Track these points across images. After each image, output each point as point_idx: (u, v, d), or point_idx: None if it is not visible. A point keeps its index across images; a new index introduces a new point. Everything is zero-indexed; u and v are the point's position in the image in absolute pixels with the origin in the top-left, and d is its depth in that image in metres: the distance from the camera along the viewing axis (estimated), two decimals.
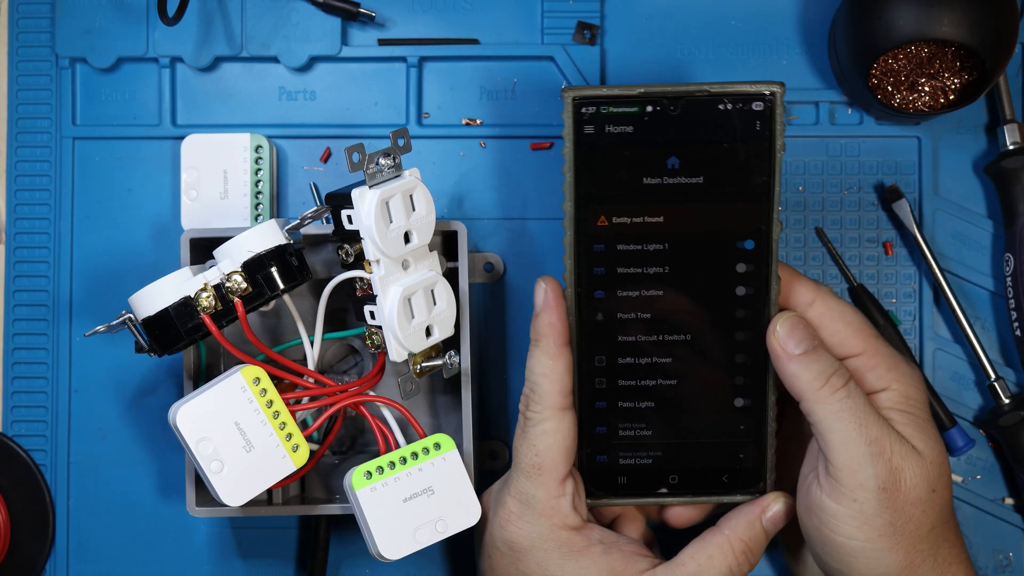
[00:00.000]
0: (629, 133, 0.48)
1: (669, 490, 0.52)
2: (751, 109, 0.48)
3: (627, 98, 0.48)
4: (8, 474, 0.61)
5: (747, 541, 0.50)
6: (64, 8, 0.62)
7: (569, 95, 0.48)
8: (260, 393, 0.50)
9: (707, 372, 0.51)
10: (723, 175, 0.49)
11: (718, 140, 0.48)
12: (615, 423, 0.52)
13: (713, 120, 0.48)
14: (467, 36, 0.62)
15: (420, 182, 0.51)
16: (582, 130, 0.49)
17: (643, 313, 0.50)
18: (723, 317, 0.50)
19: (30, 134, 0.62)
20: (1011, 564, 0.61)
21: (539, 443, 0.50)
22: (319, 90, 0.62)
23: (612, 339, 0.51)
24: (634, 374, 0.51)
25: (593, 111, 0.48)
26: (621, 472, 0.52)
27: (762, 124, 0.48)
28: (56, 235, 0.62)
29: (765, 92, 0.48)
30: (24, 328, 0.62)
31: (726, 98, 0.48)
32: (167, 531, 0.61)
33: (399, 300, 0.51)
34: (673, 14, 0.62)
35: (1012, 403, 0.59)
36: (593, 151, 0.49)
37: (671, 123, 0.48)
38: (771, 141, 0.48)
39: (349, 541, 0.61)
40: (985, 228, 0.61)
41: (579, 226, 0.50)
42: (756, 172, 0.49)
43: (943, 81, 0.58)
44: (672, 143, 0.48)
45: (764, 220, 0.49)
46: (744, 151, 0.48)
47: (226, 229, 0.55)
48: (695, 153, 0.49)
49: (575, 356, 0.50)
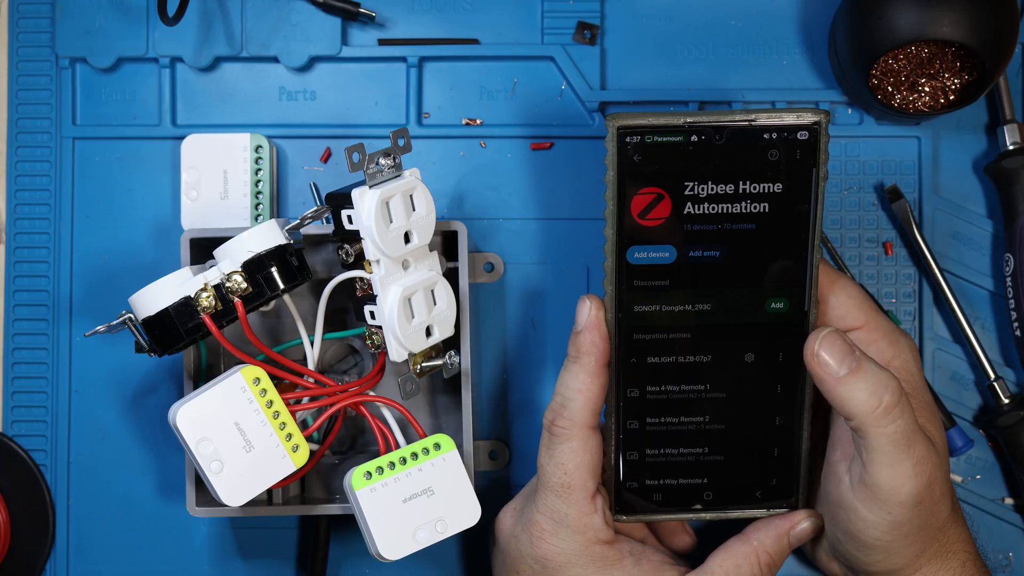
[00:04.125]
0: (672, 161, 0.48)
1: (703, 506, 0.53)
2: (796, 138, 0.48)
3: (672, 128, 0.48)
4: (8, 474, 0.61)
5: (773, 554, 0.51)
6: (64, 8, 0.62)
7: (614, 124, 0.48)
8: (260, 393, 0.50)
9: (744, 389, 0.51)
10: (766, 203, 0.49)
11: (762, 168, 0.48)
12: (652, 440, 0.52)
13: (758, 149, 0.48)
14: (467, 36, 0.62)
15: (420, 182, 0.51)
16: (625, 157, 0.48)
17: (682, 333, 0.50)
18: (761, 335, 0.50)
19: (30, 134, 0.62)
20: (1011, 564, 0.61)
21: (568, 462, 0.50)
22: (319, 90, 0.62)
23: (650, 358, 0.51)
24: (672, 393, 0.51)
25: (637, 140, 0.48)
26: (657, 489, 0.52)
27: (806, 153, 0.48)
28: (56, 235, 0.62)
29: (811, 122, 0.48)
30: (24, 328, 0.62)
31: (772, 129, 0.48)
32: (167, 531, 0.61)
33: (399, 300, 0.51)
34: (673, 14, 0.62)
35: (1012, 403, 0.59)
36: (636, 179, 0.48)
37: (715, 152, 0.48)
38: (816, 169, 0.48)
39: (349, 541, 0.61)
40: (985, 228, 0.61)
41: (620, 254, 0.49)
42: (799, 200, 0.49)
43: (943, 81, 0.58)
44: (716, 171, 0.48)
45: (804, 248, 0.49)
46: (788, 179, 0.48)
47: (226, 229, 0.55)
48: (738, 181, 0.49)
49: (613, 373, 0.51)
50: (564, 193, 0.61)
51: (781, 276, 0.50)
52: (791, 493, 0.52)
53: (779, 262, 0.49)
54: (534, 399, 0.61)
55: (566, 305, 0.61)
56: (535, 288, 0.61)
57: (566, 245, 0.61)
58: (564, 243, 0.61)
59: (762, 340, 0.50)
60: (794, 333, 0.50)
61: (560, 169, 0.62)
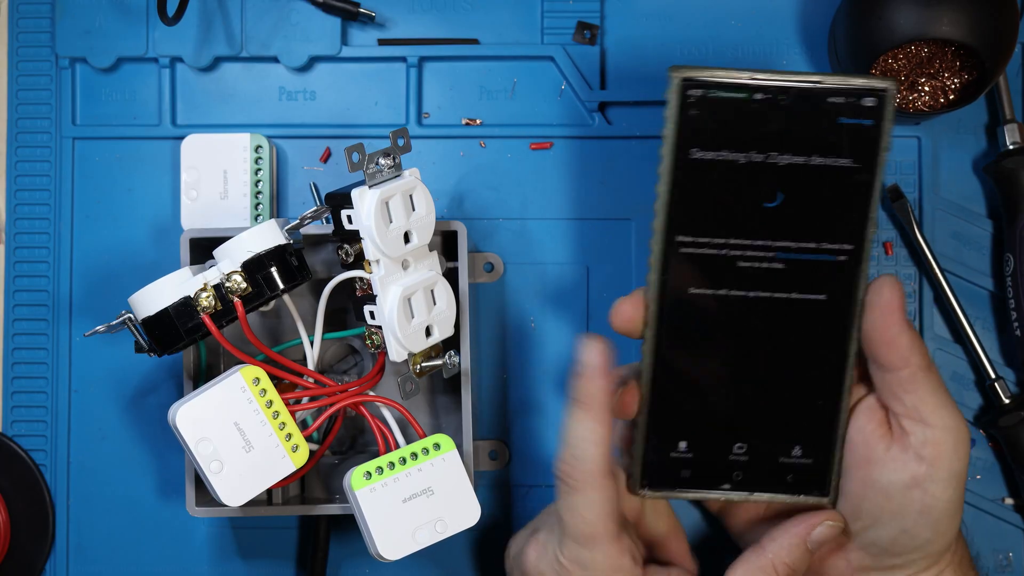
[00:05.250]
0: (733, 120, 0.47)
1: (732, 486, 0.51)
2: (861, 104, 0.47)
3: (737, 85, 0.47)
4: (8, 474, 0.61)
5: (791, 563, 0.50)
6: (64, 8, 0.62)
7: (678, 75, 0.47)
8: (260, 393, 0.50)
9: (783, 370, 0.50)
10: (827, 168, 0.48)
11: (826, 133, 0.47)
12: (684, 414, 0.50)
13: (823, 112, 0.47)
14: (467, 36, 0.62)
15: (420, 182, 0.51)
16: (685, 111, 0.48)
17: (725, 302, 0.49)
18: (810, 311, 0.50)
19: (30, 134, 0.62)
20: (1011, 564, 0.61)
21: (588, 512, 0.48)
22: (319, 90, 0.62)
23: (697, 321, 0.49)
24: (712, 361, 0.50)
25: (700, 95, 0.48)
26: (686, 465, 0.51)
27: (872, 120, 0.48)
28: (56, 235, 0.62)
29: (879, 87, 0.47)
30: (24, 328, 0.62)
31: (839, 92, 0.47)
32: (167, 531, 0.61)
33: (399, 300, 0.51)
34: (673, 14, 0.62)
35: (1012, 403, 0.59)
36: (695, 133, 0.48)
37: (779, 112, 0.47)
38: (879, 138, 0.48)
39: (349, 541, 0.61)
40: (985, 228, 0.61)
41: (671, 208, 0.49)
42: (861, 169, 0.48)
43: (943, 81, 0.58)
44: (778, 131, 0.48)
45: (860, 219, 0.48)
46: (851, 146, 0.48)
47: (226, 229, 0.55)
48: (801, 144, 0.48)
49: (650, 339, 0.49)
50: (564, 193, 0.61)
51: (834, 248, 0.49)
52: (825, 482, 0.51)
53: (834, 232, 0.48)
54: (534, 399, 0.61)
55: (566, 305, 0.61)
56: (535, 288, 0.61)
57: (566, 245, 0.61)
58: (564, 243, 0.61)
59: (810, 310, 0.49)
60: (842, 310, 0.49)
61: (560, 169, 0.62)
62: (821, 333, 0.49)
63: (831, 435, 0.50)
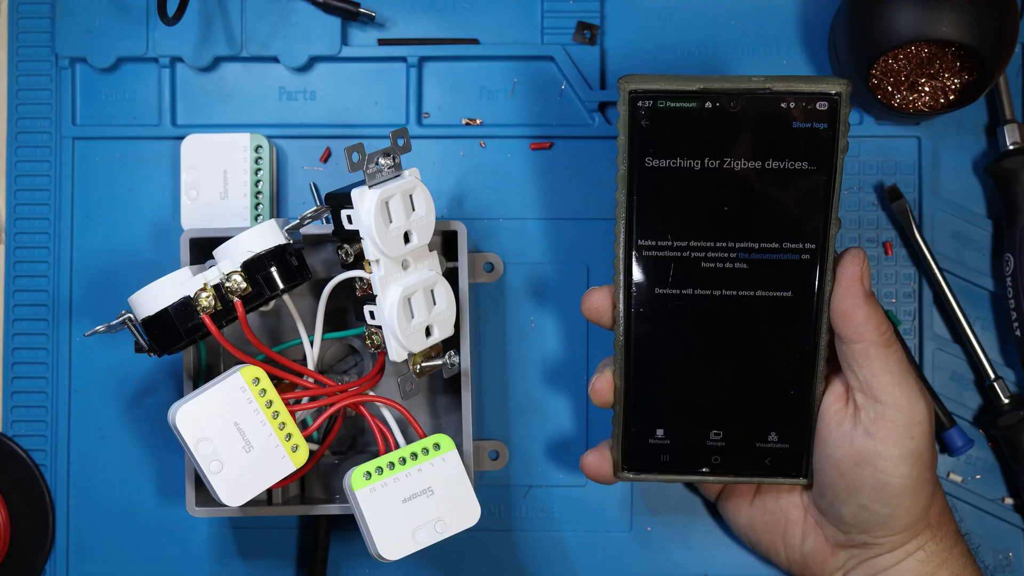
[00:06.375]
0: (684, 128, 0.47)
1: (711, 469, 0.52)
2: (815, 108, 0.47)
3: (686, 94, 0.47)
4: (8, 474, 0.61)
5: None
6: (64, 8, 0.62)
7: (626, 87, 0.47)
8: (260, 393, 0.50)
9: (757, 358, 0.51)
10: (783, 173, 0.48)
11: (779, 138, 0.47)
12: (662, 399, 0.51)
13: (775, 118, 0.47)
14: (467, 36, 0.62)
15: (420, 182, 0.51)
16: (637, 122, 0.48)
17: (695, 291, 0.50)
18: (776, 306, 0.50)
19: (30, 134, 0.62)
20: (1011, 564, 0.61)
21: None
22: (319, 90, 0.62)
23: (664, 319, 0.50)
24: (683, 355, 0.50)
25: (649, 105, 0.47)
26: (664, 449, 0.52)
27: (825, 124, 0.47)
28: (56, 235, 0.62)
29: (831, 91, 0.47)
30: (24, 328, 0.62)
31: (790, 97, 0.47)
32: (167, 531, 0.61)
33: (399, 300, 0.51)
34: (673, 14, 0.62)
35: (1011, 403, 0.59)
36: (647, 144, 0.48)
37: (730, 120, 0.47)
38: (834, 140, 0.47)
39: (349, 541, 0.61)
40: (985, 228, 0.61)
41: (631, 215, 0.49)
42: (817, 172, 0.48)
43: (943, 81, 0.58)
44: (730, 139, 0.48)
45: (822, 220, 0.48)
46: (806, 150, 0.48)
47: (226, 229, 0.55)
48: (755, 149, 0.48)
49: (621, 328, 0.50)
50: (564, 193, 0.61)
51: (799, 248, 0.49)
52: (800, 463, 0.52)
53: (795, 232, 0.49)
54: (534, 399, 0.61)
55: (566, 305, 0.61)
56: (535, 288, 0.61)
57: (566, 245, 0.61)
58: (564, 243, 0.61)
59: (777, 306, 0.50)
60: (809, 300, 0.49)
61: (560, 169, 0.62)
62: (789, 326, 0.50)
63: (805, 421, 0.51)
